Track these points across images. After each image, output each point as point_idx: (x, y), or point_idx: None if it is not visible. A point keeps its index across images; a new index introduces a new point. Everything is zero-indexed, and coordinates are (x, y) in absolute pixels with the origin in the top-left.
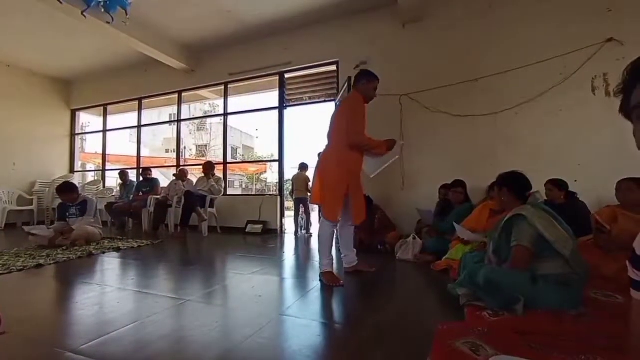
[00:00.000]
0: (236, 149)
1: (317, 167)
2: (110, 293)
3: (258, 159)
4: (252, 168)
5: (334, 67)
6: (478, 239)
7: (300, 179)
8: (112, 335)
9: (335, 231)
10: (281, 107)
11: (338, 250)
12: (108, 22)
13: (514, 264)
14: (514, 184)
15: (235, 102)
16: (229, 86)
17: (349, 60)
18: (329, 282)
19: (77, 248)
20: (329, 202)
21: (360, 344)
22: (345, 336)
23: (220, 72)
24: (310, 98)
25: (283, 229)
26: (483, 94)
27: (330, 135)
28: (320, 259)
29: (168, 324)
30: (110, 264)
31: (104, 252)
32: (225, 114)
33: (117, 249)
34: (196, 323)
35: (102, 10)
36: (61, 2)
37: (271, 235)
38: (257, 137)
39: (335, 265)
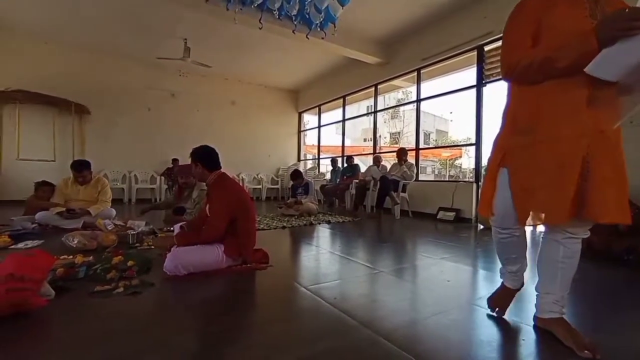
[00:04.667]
0: (429, 134)
1: None
2: (323, 254)
3: (452, 144)
4: (445, 153)
5: None
6: None
7: None
8: (325, 284)
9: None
10: (479, 85)
11: None
12: (322, 38)
13: None
14: None
15: (429, 86)
16: (421, 71)
17: None
18: (489, 304)
19: (302, 218)
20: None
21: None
22: (547, 345)
23: (412, 59)
24: None
25: (479, 219)
26: None
27: None
28: None
29: (365, 286)
30: (323, 233)
31: (319, 223)
32: (418, 100)
33: (328, 222)
34: (387, 291)
35: (319, 29)
36: (294, 33)
37: (464, 224)
38: (451, 121)
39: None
